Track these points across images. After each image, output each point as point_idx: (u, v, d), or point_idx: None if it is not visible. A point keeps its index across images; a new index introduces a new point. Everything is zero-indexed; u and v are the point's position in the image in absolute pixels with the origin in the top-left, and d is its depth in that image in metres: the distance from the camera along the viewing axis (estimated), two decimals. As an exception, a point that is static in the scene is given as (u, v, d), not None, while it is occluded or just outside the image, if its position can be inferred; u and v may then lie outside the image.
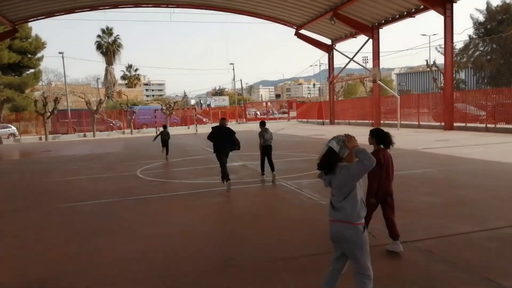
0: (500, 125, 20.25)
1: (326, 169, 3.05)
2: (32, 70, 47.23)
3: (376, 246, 4.65)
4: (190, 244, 5.24)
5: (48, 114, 33.73)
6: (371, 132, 4.67)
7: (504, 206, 6.25)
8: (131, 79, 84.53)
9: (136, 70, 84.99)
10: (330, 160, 3.04)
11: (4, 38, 33.88)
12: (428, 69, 29.59)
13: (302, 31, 34.16)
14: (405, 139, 18.24)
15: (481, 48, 41.58)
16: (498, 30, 35.46)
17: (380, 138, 4.57)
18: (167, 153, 14.54)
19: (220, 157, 8.53)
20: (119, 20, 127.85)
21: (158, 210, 7.23)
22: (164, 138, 14.57)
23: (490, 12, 42.55)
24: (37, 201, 8.59)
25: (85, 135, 35.15)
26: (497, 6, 42.20)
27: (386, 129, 4.73)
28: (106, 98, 52.09)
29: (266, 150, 9.65)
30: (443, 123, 23.14)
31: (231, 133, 8.70)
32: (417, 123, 25.80)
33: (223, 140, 8.62)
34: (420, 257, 4.42)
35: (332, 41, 34.92)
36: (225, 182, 8.40)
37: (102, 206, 7.72)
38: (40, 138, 33.55)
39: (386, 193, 4.63)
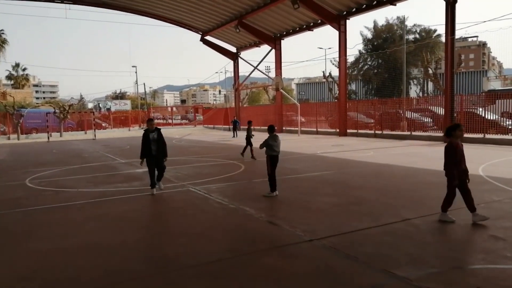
0: (386, 132, 22.57)
1: None
2: None
3: (281, 247, 4.78)
4: (90, 258, 4.82)
5: None
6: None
7: (393, 204, 6.93)
8: (18, 79, 76.07)
9: (24, 69, 76.67)
10: None
11: None
12: (324, 79, 31.80)
13: (208, 37, 34.26)
14: (305, 144, 19.28)
15: (369, 63, 46.02)
16: (383, 47, 39.62)
17: (447, 131, 5.72)
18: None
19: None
20: (4, 13, 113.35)
21: (51, 222, 6.53)
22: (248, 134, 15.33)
23: (376, 30, 47.46)
24: None
25: (-41, 141, 30.57)
26: (382, 25, 47.26)
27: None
28: (-13, 100, 46.01)
29: (275, 160, 7.75)
30: (338, 130, 25.01)
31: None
32: (315, 129, 27.50)
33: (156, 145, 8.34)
34: (326, 254, 4.66)
35: (237, 49, 35.61)
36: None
37: (-18, 220, 6.72)
38: None
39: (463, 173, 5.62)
